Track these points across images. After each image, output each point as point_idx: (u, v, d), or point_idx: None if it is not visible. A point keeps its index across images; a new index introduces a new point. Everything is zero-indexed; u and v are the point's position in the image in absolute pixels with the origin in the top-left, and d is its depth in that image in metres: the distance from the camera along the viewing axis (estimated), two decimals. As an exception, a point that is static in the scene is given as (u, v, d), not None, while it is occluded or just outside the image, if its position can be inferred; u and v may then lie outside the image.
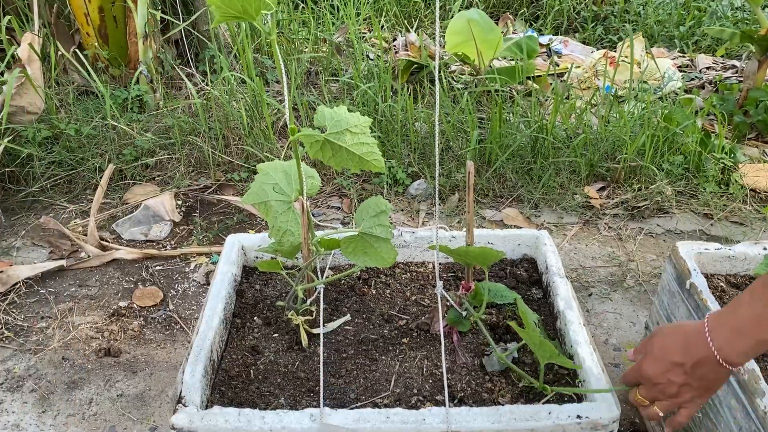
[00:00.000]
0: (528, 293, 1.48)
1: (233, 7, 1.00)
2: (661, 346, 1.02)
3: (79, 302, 2.11)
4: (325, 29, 3.70)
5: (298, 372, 1.27)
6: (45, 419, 1.71)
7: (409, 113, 2.77)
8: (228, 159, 2.76)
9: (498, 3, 4.51)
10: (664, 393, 1.03)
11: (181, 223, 2.52)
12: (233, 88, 2.91)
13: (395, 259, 1.22)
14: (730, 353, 0.94)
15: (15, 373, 1.85)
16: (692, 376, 0.99)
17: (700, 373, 0.98)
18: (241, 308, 1.44)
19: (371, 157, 1.11)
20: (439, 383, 1.23)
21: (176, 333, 1.99)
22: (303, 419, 1.07)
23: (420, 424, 1.06)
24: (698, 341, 0.96)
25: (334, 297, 1.47)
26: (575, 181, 2.66)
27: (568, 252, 2.35)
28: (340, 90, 3.19)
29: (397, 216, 2.51)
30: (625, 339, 1.95)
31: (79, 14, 3.11)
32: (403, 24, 4.07)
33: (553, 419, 1.07)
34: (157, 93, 3.11)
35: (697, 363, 0.97)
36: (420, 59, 3.28)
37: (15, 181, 2.68)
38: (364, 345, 1.34)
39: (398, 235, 1.55)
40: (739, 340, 0.93)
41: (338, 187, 2.69)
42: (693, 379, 0.99)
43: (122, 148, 2.77)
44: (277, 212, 1.23)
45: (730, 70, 3.70)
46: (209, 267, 2.27)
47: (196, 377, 1.15)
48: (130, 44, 3.19)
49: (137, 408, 1.74)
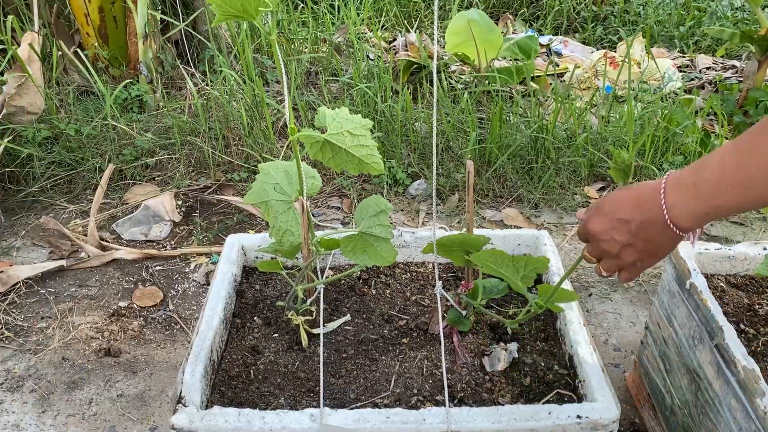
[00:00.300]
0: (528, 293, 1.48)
1: (233, 6, 1.00)
2: (613, 202, 0.96)
3: (79, 302, 2.11)
4: (325, 29, 3.70)
5: (298, 372, 1.27)
6: (45, 419, 1.71)
7: (409, 113, 2.77)
8: (228, 159, 2.76)
9: (498, 3, 4.51)
10: (607, 252, 0.98)
11: (181, 223, 2.52)
12: (233, 88, 2.91)
13: (395, 259, 1.22)
14: (680, 215, 0.88)
15: (15, 373, 1.85)
16: (637, 236, 0.93)
17: (645, 235, 0.92)
18: (241, 308, 1.44)
19: (370, 159, 1.11)
20: (439, 383, 1.23)
21: (176, 333, 1.99)
22: (303, 419, 1.07)
23: (420, 424, 1.06)
24: (651, 199, 0.90)
25: (334, 297, 1.47)
26: (575, 181, 2.66)
27: (568, 252, 2.35)
28: (340, 90, 3.19)
29: (397, 216, 2.51)
30: (625, 339, 1.95)
31: (79, 14, 3.11)
32: (403, 24, 4.07)
33: (553, 419, 1.07)
34: (157, 93, 3.11)
35: (644, 222, 0.91)
36: (420, 59, 3.28)
37: (15, 181, 2.68)
38: (364, 345, 1.34)
39: (398, 235, 1.55)
40: (694, 203, 0.86)
41: (338, 187, 2.69)
42: (637, 240, 0.93)
43: (122, 148, 2.77)
44: (278, 212, 1.23)
45: (730, 70, 3.70)
46: (209, 267, 2.27)
47: (196, 377, 1.15)
48: (130, 44, 3.19)
49: (137, 408, 1.74)
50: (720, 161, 0.83)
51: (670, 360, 1.51)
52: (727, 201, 0.83)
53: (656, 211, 0.89)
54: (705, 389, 1.31)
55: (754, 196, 0.80)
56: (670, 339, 1.51)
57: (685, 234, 0.90)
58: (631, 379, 1.75)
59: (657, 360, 1.60)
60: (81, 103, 3.00)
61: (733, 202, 0.82)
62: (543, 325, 1.38)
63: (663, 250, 0.94)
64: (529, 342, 1.34)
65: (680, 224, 0.88)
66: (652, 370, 1.62)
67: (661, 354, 1.57)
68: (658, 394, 1.58)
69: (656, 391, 1.59)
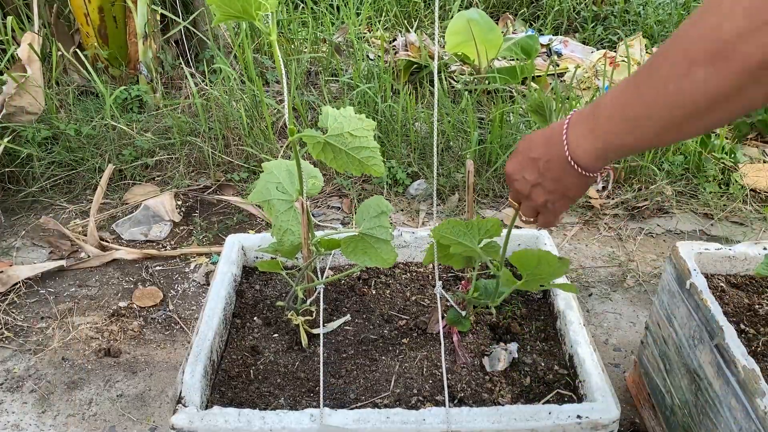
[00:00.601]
0: (528, 293, 1.48)
1: (233, 6, 1.00)
2: (526, 141, 0.96)
3: (79, 302, 2.11)
4: (325, 29, 3.70)
5: (298, 372, 1.27)
6: (45, 419, 1.71)
7: (409, 113, 2.77)
8: (228, 159, 2.76)
9: (498, 3, 4.51)
10: (520, 192, 0.97)
11: (181, 224, 2.52)
12: (233, 88, 2.91)
13: (395, 260, 1.22)
14: (579, 151, 0.86)
15: (15, 373, 1.85)
16: (545, 175, 0.91)
17: (552, 174, 0.90)
18: (241, 308, 1.44)
19: (371, 162, 1.11)
20: (439, 383, 1.23)
21: (176, 333, 1.99)
22: (303, 419, 1.07)
23: (420, 425, 1.06)
24: (557, 136, 0.88)
25: (334, 297, 1.47)
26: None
27: (568, 252, 2.35)
28: (340, 90, 3.19)
29: (397, 216, 2.51)
30: (625, 339, 1.95)
31: (79, 14, 3.11)
32: (403, 24, 4.07)
33: (553, 419, 1.07)
34: (157, 93, 3.11)
35: (550, 160, 0.89)
36: (420, 59, 3.28)
37: (15, 181, 2.68)
38: (364, 345, 1.34)
39: (398, 235, 1.55)
40: (590, 139, 0.84)
41: (338, 187, 2.69)
42: (545, 180, 0.92)
43: (122, 148, 2.77)
44: (279, 211, 1.23)
45: (730, 70, 3.69)
46: (209, 267, 2.27)
47: (196, 377, 1.15)
48: (130, 44, 3.19)
49: (137, 408, 1.74)
50: (612, 98, 0.81)
51: (670, 360, 1.51)
52: (620, 139, 0.81)
53: (560, 147, 0.87)
54: (705, 389, 1.31)
55: (641, 134, 0.78)
56: (670, 339, 1.51)
57: (590, 174, 0.88)
58: (631, 379, 1.75)
59: (657, 360, 1.60)
60: (81, 103, 3.00)
61: (625, 140, 0.80)
62: (543, 325, 1.38)
63: (571, 191, 0.92)
64: (529, 342, 1.34)
65: (580, 161, 0.87)
66: (652, 370, 1.62)
67: (661, 354, 1.57)
68: (658, 394, 1.58)
69: (656, 391, 1.59)
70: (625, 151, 0.83)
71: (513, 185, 0.98)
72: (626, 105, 0.78)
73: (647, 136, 0.77)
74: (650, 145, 0.80)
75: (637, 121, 0.77)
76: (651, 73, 0.74)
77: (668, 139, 0.77)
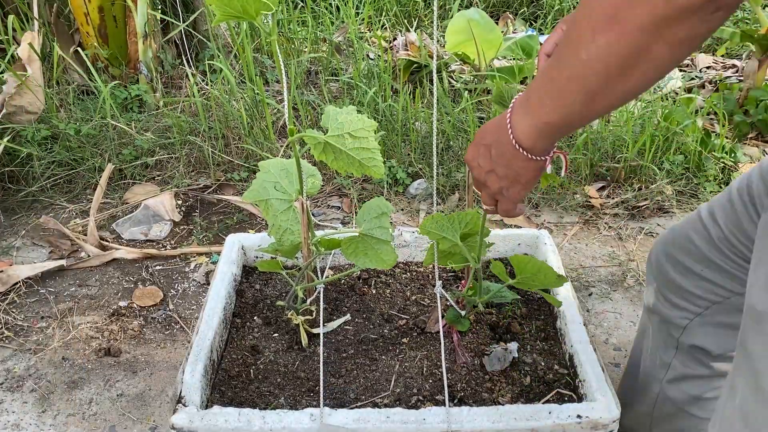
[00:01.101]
0: (528, 293, 1.48)
1: (233, 6, 1.00)
2: (481, 129, 0.96)
3: (79, 302, 2.11)
4: (325, 29, 3.70)
5: (298, 372, 1.27)
6: (45, 419, 1.71)
7: (409, 113, 2.77)
8: (228, 159, 2.76)
9: (498, 2, 4.51)
10: (478, 180, 0.98)
11: (181, 223, 2.52)
12: (233, 88, 2.91)
13: (395, 261, 1.22)
14: (519, 132, 0.86)
15: (15, 373, 1.85)
16: (497, 162, 0.91)
17: (503, 160, 0.90)
18: (241, 308, 1.44)
19: (371, 163, 1.11)
20: (439, 383, 1.23)
21: (176, 333, 1.99)
22: (303, 419, 1.07)
23: (420, 424, 1.06)
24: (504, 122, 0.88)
25: (334, 297, 1.47)
26: (575, 180, 2.66)
27: (568, 252, 2.35)
28: (340, 90, 3.19)
29: (397, 216, 2.51)
30: (626, 339, 1.95)
31: (78, 14, 3.11)
32: (403, 23, 4.07)
33: (554, 419, 1.07)
34: (157, 93, 3.11)
35: (499, 145, 0.89)
36: (420, 59, 3.28)
37: (15, 181, 2.68)
38: (364, 345, 1.34)
39: (398, 234, 1.55)
40: (527, 119, 0.84)
41: (338, 186, 2.68)
42: (498, 166, 0.92)
43: (122, 148, 2.77)
44: (278, 211, 1.23)
45: (730, 69, 3.70)
46: (209, 267, 2.27)
47: (196, 377, 1.15)
48: (130, 44, 3.19)
49: (137, 408, 1.74)
50: (540, 75, 0.82)
51: (671, 359, 1.51)
52: (550, 116, 0.81)
53: (506, 132, 0.88)
54: (705, 389, 1.31)
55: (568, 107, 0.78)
56: (671, 338, 1.51)
57: (537, 157, 0.88)
58: (631, 379, 1.75)
59: (657, 359, 1.60)
60: (81, 102, 3.00)
61: (555, 116, 0.80)
62: (543, 325, 1.38)
63: (522, 177, 0.92)
64: (529, 342, 1.34)
65: (522, 143, 0.86)
66: (652, 370, 1.62)
67: (661, 353, 1.57)
68: (658, 394, 1.57)
69: (656, 390, 1.59)
70: (559, 128, 0.83)
71: (473, 173, 0.99)
72: (551, 80, 0.79)
73: (574, 109, 0.78)
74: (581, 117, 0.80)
75: (562, 94, 0.77)
76: (567, 44, 0.75)
77: (595, 109, 0.77)
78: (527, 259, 1.17)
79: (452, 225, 1.21)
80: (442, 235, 1.21)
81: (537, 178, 0.93)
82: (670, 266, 1.23)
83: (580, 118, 0.80)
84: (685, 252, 1.20)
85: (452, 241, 1.21)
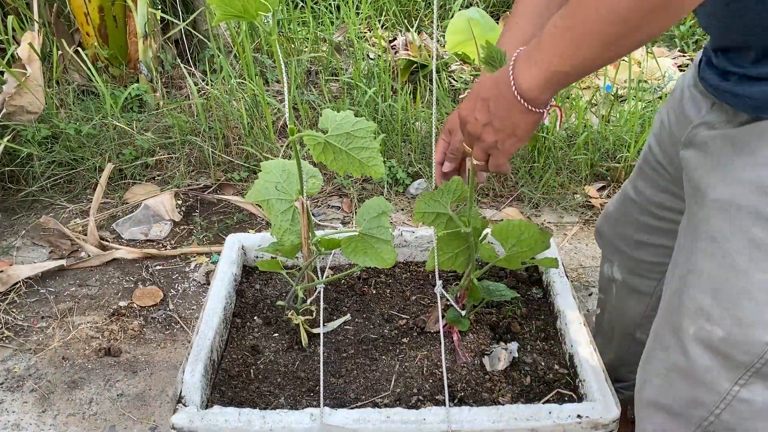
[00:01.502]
0: (528, 293, 1.48)
1: (233, 6, 1.00)
2: (477, 84, 0.98)
3: (79, 302, 2.11)
4: (325, 29, 3.70)
5: (298, 372, 1.27)
6: (45, 419, 1.71)
7: (409, 113, 2.77)
8: (228, 159, 2.76)
9: (498, 2, 4.51)
10: (472, 135, 1.00)
11: (181, 223, 2.52)
12: (233, 88, 2.91)
13: (395, 260, 1.22)
14: (523, 84, 0.89)
15: (15, 373, 1.85)
16: (494, 114, 0.94)
17: (501, 112, 0.93)
18: (241, 308, 1.44)
19: (371, 162, 1.11)
20: (439, 383, 1.23)
21: (176, 333, 1.99)
22: (303, 419, 1.07)
23: (420, 424, 1.06)
24: (505, 75, 0.91)
25: (334, 297, 1.47)
26: (576, 180, 2.66)
27: (568, 251, 2.35)
28: (340, 90, 3.19)
29: (397, 216, 2.51)
30: (626, 338, 1.95)
31: (78, 14, 3.11)
32: (403, 23, 4.07)
33: (554, 419, 1.07)
34: (157, 92, 3.11)
35: (499, 98, 0.92)
36: (420, 58, 3.28)
37: (15, 181, 2.68)
38: (364, 345, 1.34)
39: (398, 234, 1.55)
40: (533, 69, 0.88)
41: (338, 186, 2.69)
42: (494, 118, 0.94)
43: (122, 148, 2.78)
44: (278, 211, 1.23)
45: (730, 69, 3.69)
46: (209, 267, 2.27)
47: (196, 377, 1.15)
48: (130, 44, 3.19)
49: (137, 408, 1.74)
50: (552, 26, 0.85)
51: (671, 359, 1.51)
52: (561, 64, 0.85)
53: (507, 85, 0.91)
54: (705, 389, 1.31)
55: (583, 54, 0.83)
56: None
57: (536, 109, 0.91)
58: (632, 379, 1.75)
59: (657, 359, 1.60)
60: (81, 102, 3.00)
61: (566, 66, 0.85)
62: (543, 325, 1.38)
63: (519, 129, 0.95)
64: (529, 342, 1.34)
65: (525, 94, 0.89)
66: (652, 370, 1.62)
67: (661, 353, 1.57)
68: (659, 394, 1.57)
69: (656, 390, 1.59)
70: (569, 77, 0.87)
71: (465, 128, 1.01)
72: (567, 29, 0.82)
73: (591, 55, 0.82)
74: (593, 64, 0.85)
75: (579, 41, 0.82)
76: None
77: (609, 55, 0.82)
78: (508, 224, 1.19)
79: (442, 198, 1.22)
80: (434, 211, 1.22)
81: (532, 132, 0.96)
82: (623, 243, 1.37)
83: (592, 63, 0.84)
84: (631, 227, 1.33)
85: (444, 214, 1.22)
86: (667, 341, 1.02)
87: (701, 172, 0.99)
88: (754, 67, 0.90)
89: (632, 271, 1.39)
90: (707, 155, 0.99)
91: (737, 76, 0.94)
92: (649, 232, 1.30)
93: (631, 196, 1.32)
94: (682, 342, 0.98)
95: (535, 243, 1.20)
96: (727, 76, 0.96)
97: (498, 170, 1.03)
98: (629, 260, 1.38)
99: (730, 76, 0.96)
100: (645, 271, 1.36)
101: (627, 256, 1.38)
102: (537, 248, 1.21)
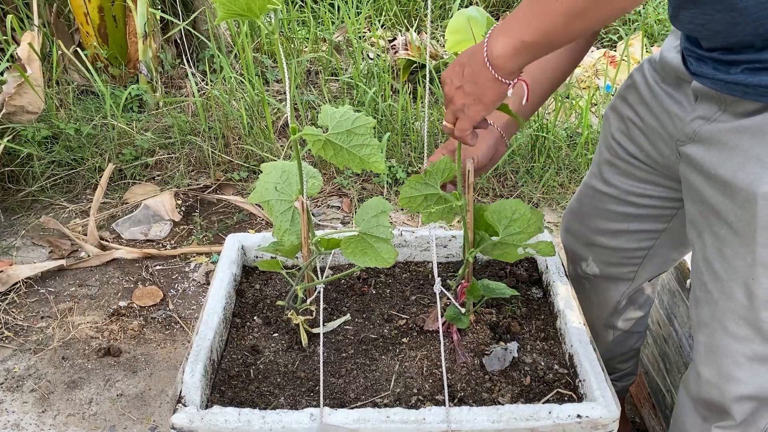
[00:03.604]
0: (528, 293, 1.48)
1: (237, 4, 1.00)
2: (462, 52, 1.04)
3: (79, 302, 2.11)
4: (325, 28, 3.70)
5: (298, 372, 1.27)
6: (45, 419, 1.71)
7: (409, 113, 2.77)
8: (228, 159, 2.76)
9: (498, 1, 4.51)
10: (446, 97, 1.04)
11: (181, 223, 2.52)
12: (233, 88, 2.91)
13: (395, 260, 1.22)
14: (494, 52, 0.93)
15: (15, 373, 1.85)
16: (467, 79, 0.99)
17: (473, 78, 0.98)
18: (241, 308, 1.44)
19: (372, 158, 1.12)
20: (439, 383, 1.23)
21: (176, 333, 1.99)
22: (303, 419, 1.07)
23: (420, 424, 1.06)
24: (481, 44, 0.96)
25: (334, 297, 1.47)
26: (575, 180, 2.66)
27: (568, 251, 2.35)
28: (340, 90, 3.19)
29: (397, 215, 2.51)
30: (626, 338, 1.95)
31: (78, 14, 3.11)
32: (402, 23, 4.07)
33: (554, 418, 1.07)
34: (157, 92, 3.11)
35: (472, 64, 0.97)
36: (420, 58, 3.28)
37: (15, 181, 2.68)
38: (364, 345, 1.34)
39: (398, 234, 1.55)
40: (504, 38, 0.92)
41: (338, 186, 2.69)
42: (466, 83, 0.99)
43: (122, 148, 2.77)
44: (278, 211, 1.23)
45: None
46: (209, 266, 2.27)
47: (195, 377, 1.15)
48: (130, 44, 3.19)
49: (137, 408, 1.74)
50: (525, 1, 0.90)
51: (670, 359, 1.51)
52: (530, 35, 0.89)
53: (481, 52, 0.96)
54: (705, 389, 1.31)
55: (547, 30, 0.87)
56: (670, 338, 1.51)
57: (503, 80, 0.95)
58: (632, 379, 1.75)
59: (657, 359, 1.60)
60: (81, 102, 3.00)
61: (533, 36, 0.89)
62: (543, 325, 1.38)
63: (486, 96, 0.99)
64: (529, 341, 1.34)
65: (494, 61, 0.94)
66: (652, 370, 1.62)
67: (661, 353, 1.57)
68: (658, 394, 1.58)
69: (656, 390, 1.59)
70: (538, 45, 0.90)
71: (444, 90, 1.06)
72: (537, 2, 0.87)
73: (556, 26, 0.86)
74: (561, 37, 0.89)
75: (546, 11, 0.86)
76: None
77: (575, 27, 0.86)
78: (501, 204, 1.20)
79: (430, 179, 1.22)
80: (423, 193, 1.22)
81: (498, 102, 1.01)
82: (598, 236, 1.39)
83: (561, 36, 0.88)
84: (605, 218, 1.35)
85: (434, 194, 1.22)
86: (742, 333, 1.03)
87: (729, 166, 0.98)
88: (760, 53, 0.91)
89: (609, 262, 1.41)
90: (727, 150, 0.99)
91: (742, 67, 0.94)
92: (629, 220, 1.32)
93: (601, 189, 1.33)
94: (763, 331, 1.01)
95: (527, 224, 1.21)
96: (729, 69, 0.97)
97: (462, 138, 1.06)
98: (605, 252, 1.40)
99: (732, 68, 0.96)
100: (624, 259, 1.39)
101: (603, 248, 1.39)
102: (530, 229, 1.22)
